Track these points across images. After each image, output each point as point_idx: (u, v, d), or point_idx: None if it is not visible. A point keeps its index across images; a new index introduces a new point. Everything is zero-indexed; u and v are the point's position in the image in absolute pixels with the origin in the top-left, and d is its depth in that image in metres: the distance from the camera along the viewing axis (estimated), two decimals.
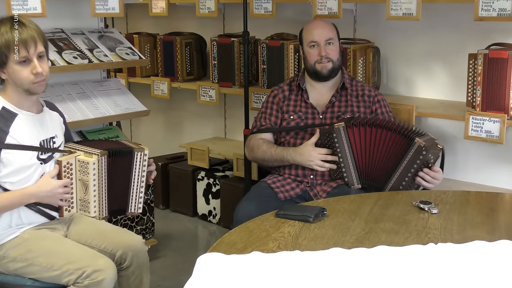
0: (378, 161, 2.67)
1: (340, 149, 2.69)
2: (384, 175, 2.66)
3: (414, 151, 2.56)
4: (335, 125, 2.69)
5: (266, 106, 3.00)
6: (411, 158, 2.57)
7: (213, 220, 4.14)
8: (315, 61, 2.87)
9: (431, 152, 2.55)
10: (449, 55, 3.40)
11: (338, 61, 2.89)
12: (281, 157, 2.82)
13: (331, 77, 2.91)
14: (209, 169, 4.16)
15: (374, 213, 2.18)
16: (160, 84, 4.26)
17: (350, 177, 2.71)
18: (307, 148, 2.77)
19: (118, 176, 2.41)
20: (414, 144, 2.56)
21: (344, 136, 2.68)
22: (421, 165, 2.56)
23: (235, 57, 3.87)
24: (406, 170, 2.59)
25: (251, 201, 2.69)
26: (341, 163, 2.71)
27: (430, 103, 3.35)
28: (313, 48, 2.88)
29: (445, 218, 2.13)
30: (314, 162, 2.74)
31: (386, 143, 2.64)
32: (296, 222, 2.09)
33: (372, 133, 2.66)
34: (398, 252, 1.83)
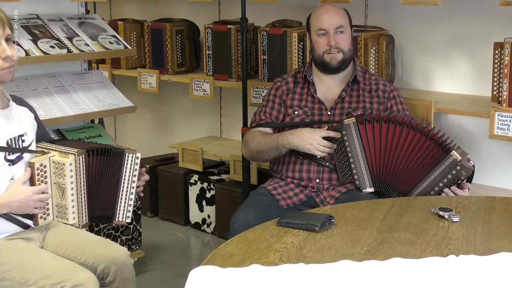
0: (399, 163, 2.66)
1: (350, 147, 2.69)
2: (407, 181, 2.65)
3: (449, 164, 2.58)
4: (345, 120, 2.69)
5: (268, 99, 3.00)
6: (444, 171, 2.59)
7: (207, 229, 4.14)
8: (324, 51, 2.87)
9: (465, 169, 2.58)
10: (472, 44, 3.39)
11: (349, 51, 2.89)
12: (275, 143, 2.80)
13: (342, 69, 2.91)
14: (203, 172, 4.16)
15: (388, 222, 2.17)
16: (147, 77, 4.26)
17: (361, 179, 2.71)
18: (307, 130, 2.76)
19: (103, 179, 2.40)
20: (450, 157, 2.58)
21: (355, 133, 2.68)
22: (452, 180, 2.59)
23: (232, 46, 3.87)
24: (436, 181, 2.60)
25: (250, 208, 2.69)
26: (352, 163, 2.70)
27: (451, 98, 3.35)
28: (321, 36, 2.87)
29: (468, 227, 2.13)
30: (313, 145, 2.73)
31: (411, 145, 2.63)
32: (301, 231, 2.09)
33: (390, 130, 2.65)
34: (414, 265, 1.83)
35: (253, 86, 3.76)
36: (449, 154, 2.58)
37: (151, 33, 4.22)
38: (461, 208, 2.30)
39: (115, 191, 2.43)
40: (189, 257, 3.91)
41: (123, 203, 2.45)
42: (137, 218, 3.63)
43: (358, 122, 2.68)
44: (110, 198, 2.44)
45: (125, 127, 5.07)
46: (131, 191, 2.45)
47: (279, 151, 2.84)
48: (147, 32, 4.24)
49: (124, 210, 2.46)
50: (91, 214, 2.41)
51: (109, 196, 2.43)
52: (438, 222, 2.18)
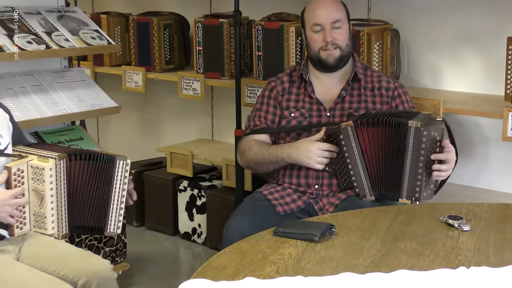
0: (388, 164, 2.66)
1: (348, 153, 2.69)
2: (395, 179, 2.65)
3: (413, 137, 2.56)
4: (342, 124, 2.68)
5: (262, 101, 3.00)
6: (414, 147, 2.57)
7: (198, 240, 4.13)
8: (319, 48, 2.87)
9: (432, 129, 2.55)
10: (484, 39, 3.40)
11: (347, 47, 2.89)
12: (275, 156, 2.81)
13: (339, 67, 2.91)
14: (193, 178, 4.15)
15: (393, 231, 2.18)
16: (133, 75, 4.26)
17: (361, 187, 2.70)
18: (305, 143, 2.76)
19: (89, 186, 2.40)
20: (410, 129, 2.56)
21: (353, 137, 2.67)
22: (429, 149, 2.56)
23: (224, 42, 3.87)
24: (415, 163, 2.58)
25: (244, 216, 2.69)
26: (350, 170, 2.70)
27: (461, 97, 3.36)
28: (316, 32, 2.88)
29: (479, 237, 2.13)
30: (313, 158, 2.73)
31: (388, 140, 2.64)
32: (299, 241, 2.09)
33: (387, 133, 2.65)
34: (422, 278, 1.83)
35: (247, 85, 3.76)
36: (407, 126, 2.55)
37: (136, 27, 4.21)
38: (472, 216, 2.30)
39: (106, 201, 2.43)
40: (178, 270, 3.90)
41: (114, 213, 2.45)
42: (122, 228, 3.61)
43: (356, 126, 2.67)
44: (101, 208, 2.44)
45: (108, 129, 5.06)
46: (122, 200, 2.45)
47: (279, 164, 2.85)
48: (133, 27, 4.23)
49: (115, 221, 2.46)
50: (72, 223, 2.40)
51: (100, 206, 2.43)
52: (447, 231, 2.18)
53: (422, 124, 2.54)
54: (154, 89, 4.60)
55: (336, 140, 2.71)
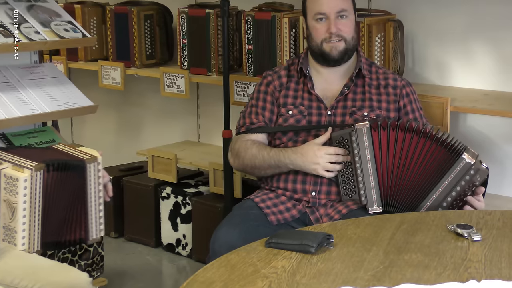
0: (411, 178, 2.67)
1: (360, 157, 2.69)
2: (417, 193, 2.67)
3: (461, 169, 2.61)
4: (357, 124, 2.69)
5: (258, 97, 3.00)
6: (456, 176, 2.62)
7: (182, 252, 4.13)
8: (323, 40, 2.88)
9: (479, 173, 2.61)
10: (495, 32, 3.41)
11: (353, 40, 2.90)
12: (276, 161, 2.81)
13: (344, 61, 2.92)
14: (177, 184, 4.15)
15: (397, 241, 2.18)
16: (111, 71, 4.25)
17: (369, 196, 2.71)
18: (311, 147, 2.77)
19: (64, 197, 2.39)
20: (462, 160, 2.61)
21: (367, 141, 2.68)
22: (466, 186, 2.61)
23: (211, 34, 3.87)
24: (450, 188, 2.63)
25: (233, 226, 2.69)
26: (359, 176, 2.70)
27: (470, 95, 3.37)
28: (320, 22, 2.88)
29: (491, 247, 2.14)
30: (320, 164, 2.74)
31: (424, 155, 2.66)
32: (293, 253, 2.09)
33: (406, 140, 2.66)
34: None
35: (237, 82, 3.76)
36: (460, 157, 2.61)
37: (114, 18, 4.21)
38: (483, 225, 2.31)
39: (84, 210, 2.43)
40: (161, 285, 3.89)
41: (94, 220, 2.46)
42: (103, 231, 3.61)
43: (372, 128, 2.68)
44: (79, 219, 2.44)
45: (83, 130, 5.06)
46: (99, 201, 2.45)
47: (280, 170, 2.85)
48: (110, 18, 4.23)
49: (96, 225, 2.47)
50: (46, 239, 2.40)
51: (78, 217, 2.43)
52: (456, 241, 2.18)
53: (475, 163, 2.60)
54: (134, 87, 4.60)
55: (343, 143, 2.71)
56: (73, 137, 5.09)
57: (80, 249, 3.49)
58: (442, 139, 2.65)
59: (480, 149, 3.39)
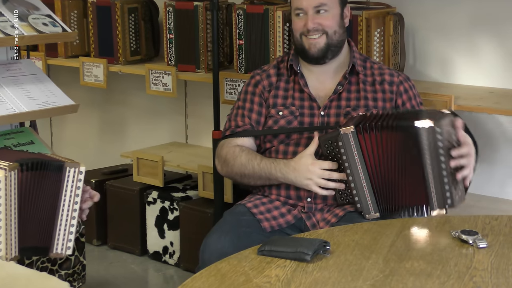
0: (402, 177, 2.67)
1: (349, 163, 2.69)
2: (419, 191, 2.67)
3: (427, 138, 2.57)
4: (341, 129, 2.68)
5: (245, 98, 3.00)
6: (431, 149, 2.58)
7: (170, 261, 4.13)
8: (301, 33, 2.90)
9: (445, 123, 2.57)
10: (502, 25, 3.42)
11: (336, 34, 2.90)
12: (267, 173, 2.82)
13: (328, 58, 2.92)
14: (164, 188, 4.15)
15: (398, 248, 2.18)
16: (93, 68, 4.25)
17: (364, 203, 2.71)
18: (304, 161, 2.76)
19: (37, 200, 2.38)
20: (420, 130, 2.57)
21: (354, 145, 2.68)
22: (448, 146, 2.58)
23: (200, 29, 3.87)
24: (438, 167, 2.60)
25: (225, 231, 2.69)
26: (351, 183, 2.71)
27: (475, 93, 3.38)
28: (299, 17, 2.91)
29: (498, 255, 2.14)
30: (313, 180, 2.74)
31: (398, 148, 2.65)
32: (288, 261, 2.09)
33: (396, 140, 2.66)
34: None
35: (227, 79, 3.76)
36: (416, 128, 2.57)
37: (96, 12, 4.21)
38: (489, 231, 2.31)
39: (52, 216, 2.42)
40: None
41: (62, 231, 2.43)
42: (80, 247, 3.61)
43: (358, 131, 2.68)
44: (46, 225, 2.42)
45: (64, 131, 5.05)
46: (73, 215, 2.43)
47: (270, 182, 2.85)
48: (92, 11, 4.22)
49: (64, 240, 2.44)
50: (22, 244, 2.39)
51: (45, 222, 2.42)
52: (461, 248, 2.19)
53: (434, 123, 2.56)
54: (118, 85, 4.59)
55: (333, 147, 2.72)
56: (53, 139, 5.08)
57: (61, 258, 3.48)
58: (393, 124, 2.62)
59: (484, 149, 3.41)
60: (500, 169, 3.47)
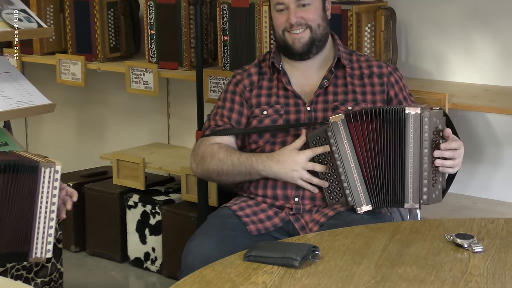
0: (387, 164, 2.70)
1: (340, 154, 2.70)
2: (396, 175, 2.69)
3: (413, 125, 2.61)
4: (331, 118, 2.70)
5: (225, 97, 3.00)
6: (415, 137, 2.62)
7: (151, 267, 4.13)
8: (283, 29, 2.91)
9: (433, 115, 2.61)
10: (498, 20, 3.43)
11: (320, 28, 2.91)
12: (248, 167, 2.81)
13: (312, 53, 2.93)
14: (146, 192, 4.15)
15: (390, 253, 2.19)
16: (70, 65, 4.24)
17: (356, 195, 2.72)
18: (289, 152, 2.77)
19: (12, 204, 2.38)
20: (408, 116, 2.62)
21: (345, 134, 2.69)
22: (432, 139, 2.61)
23: (183, 24, 3.87)
24: (419, 157, 2.63)
25: (209, 235, 2.69)
26: (341, 175, 2.72)
27: (471, 90, 3.39)
28: (280, 12, 2.91)
29: (494, 259, 2.15)
30: (299, 172, 2.75)
31: (388, 135, 2.68)
32: (275, 267, 2.09)
33: (383, 126, 2.68)
34: None
35: (211, 77, 3.76)
36: (404, 113, 2.62)
37: (73, 6, 4.19)
38: (485, 234, 2.32)
39: (29, 220, 2.41)
40: None
41: (41, 234, 2.43)
42: (57, 254, 3.60)
43: (348, 120, 2.69)
44: (23, 229, 2.41)
45: (40, 132, 5.03)
46: (51, 216, 2.43)
47: (251, 177, 2.85)
48: (69, 6, 4.21)
49: (43, 243, 2.44)
50: None
51: (22, 226, 2.41)
52: (455, 252, 2.19)
53: (421, 109, 2.60)
54: (96, 83, 4.58)
55: (321, 143, 2.73)
56: (28, 140, 5.06)
57: (37, 265, 3.47)
58: (382, 110, 2.67)
59: (480, 149, 3.42)
60: (497, 170, 3.47)
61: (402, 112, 2.63)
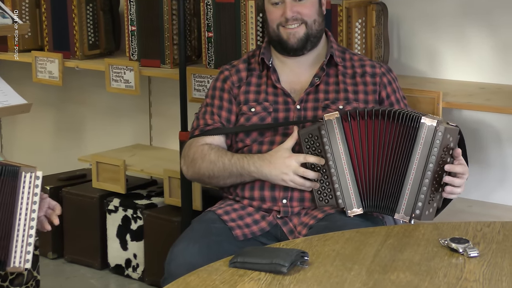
0: (387, 168, 2.70)
1: (332, 153, 2.71)
2: (394, 181, 2.70)
3: (425, 137, 2.62)
4: (325, 115, 2.71)
5: (213, 94, 3.01)
6: (424, 150, 2.62)
7: (133, 275, 4.12)
8: (278, 24, 2.91)
9: (448, 131, 2.61)
10: (494, 15, 3.44)
11: (316, 23, 2.92)
12: (239, 168, 2.82)
13: (306, 50, 2.94)
14: (127, 195, 4.14)
15: (382, 258, 2.19)
16: (47, 63, 4.23)
17: (347, 197, 2.73)
18: (280, 154, 2.78)
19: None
20: (423, 126, 2.62)
21: (339, 133, 2.70)
22: (441, 151, 2.61)
23: (165, 20, 3.87)
24: (423, 171, 2.63)
25: (193, 242, 2.69)
26: (333, 175, 2.72)
27: (466, 88, 3.39)
28: (275, 5, 2.91)
29: (490, 264, 2.15)
30: (289, 176, 2.75)
31: (391, 138, 2.68)
32: (262, 273, 2.09)
33: (377, 127, 2.69)
34: None
35: (195, 75, 3.76)
36: (420, 123, 2.62)
37: (50, 1, 4.18)
38: (481, 238, 2.33)
39: (8, 227, 2.40)
40: None
41: (20, 243, 2.42)
42: (34, 261, 3.58)
43: (343, 118, 2.70)
44: (1, 237, 2.41)
45: (15, 133, 5.02)
46: (31, 224, 2.42)
47: (242, 179, 2.85)
48: (45, 1, 4.20)
49: (22, 252, 2.43)
50: None
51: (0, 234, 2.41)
52: (450, 257, 2.20)
53: (438, 123, 2.60)
54: (75, 81, 4.57)
55: (313, 140, 2.73)
56: (3, 141, 5.05)
57: (11, 273, 3.47)
58: (398, 112, 2.67)
59: (475, 150, 3.43)
60: (493, 171, 3.49)
61: (417, 120, 2.63)
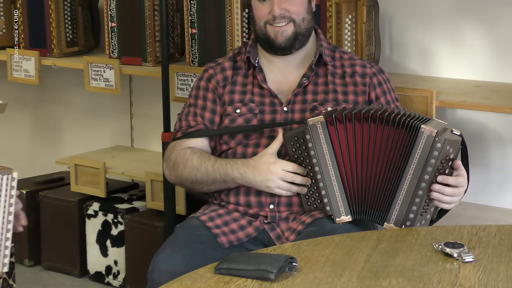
0: (377, 174, 2.70)
1: (318, 159, 2.71)
2: (386, 189, 2.70)
3: (422, 147, 2.60)
4: (310, 120, 2.71)
5: (197, 94, 3.01)
6: (420, 160, 2.61)
7: (113, 282, 4.12)
8: (265, 22, 2.91)
9: (449, 143, 2.59)
10: (489, 11, 3.45)
11: (305, 21, 2.93)
12: (223, 175, 2.82)
13: (294, 48, 2.94)
14: (107, 199, 4.14)
15: (374, 264, 2.20)
16: (22, 61, 4.22)
17: (334, 205, 2.74)
18: (265, 159, 2.78)
19: None
20: (422, 135, 2.60)
21: (324, 138, 2.70)
22: (439, 162, 2.60)
23: (146, 16, 3.86)
24: (417, 181, 2.63)
25: (176, 249, 2.69)
26: (319, 182, 2.73)
27: (461, 87, 3.41)
28: (262, 2, 2.92)
29: (486, 269, 2.16)
30: (275, 183, 2.76)
31: (384, 143, 2.68)
32: (249, 280, 2.09)
33: (365, 131, 2.69)
34: None
35: (178, 74, 3.76)
36: (418, 132, 2.60)
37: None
38: (476, 243, 2.33)
39: None
40: None
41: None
42: (9, 268, 3.58)
43: (328, 122, 2.70)
44: None
45: None
46: (8, 227, 2.42)
47: (226, 185, 2.86)
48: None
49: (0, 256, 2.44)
50: None
51: None
52: (444, 263, 2.20)
53: (437, 133, 2.58)
54: (52, 80, 4.57)
55: (299, 144, 2.74)
56: None
57: None
58: (397, 118, 2.66)
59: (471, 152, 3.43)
60: (489, 173, 3.49)
61: (416, 128, 2.61)
